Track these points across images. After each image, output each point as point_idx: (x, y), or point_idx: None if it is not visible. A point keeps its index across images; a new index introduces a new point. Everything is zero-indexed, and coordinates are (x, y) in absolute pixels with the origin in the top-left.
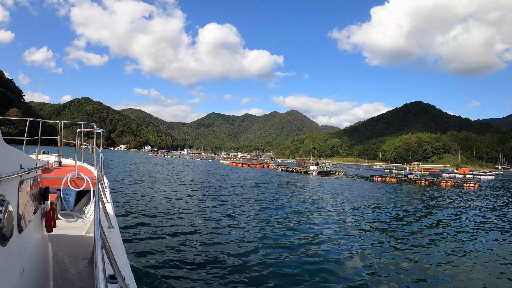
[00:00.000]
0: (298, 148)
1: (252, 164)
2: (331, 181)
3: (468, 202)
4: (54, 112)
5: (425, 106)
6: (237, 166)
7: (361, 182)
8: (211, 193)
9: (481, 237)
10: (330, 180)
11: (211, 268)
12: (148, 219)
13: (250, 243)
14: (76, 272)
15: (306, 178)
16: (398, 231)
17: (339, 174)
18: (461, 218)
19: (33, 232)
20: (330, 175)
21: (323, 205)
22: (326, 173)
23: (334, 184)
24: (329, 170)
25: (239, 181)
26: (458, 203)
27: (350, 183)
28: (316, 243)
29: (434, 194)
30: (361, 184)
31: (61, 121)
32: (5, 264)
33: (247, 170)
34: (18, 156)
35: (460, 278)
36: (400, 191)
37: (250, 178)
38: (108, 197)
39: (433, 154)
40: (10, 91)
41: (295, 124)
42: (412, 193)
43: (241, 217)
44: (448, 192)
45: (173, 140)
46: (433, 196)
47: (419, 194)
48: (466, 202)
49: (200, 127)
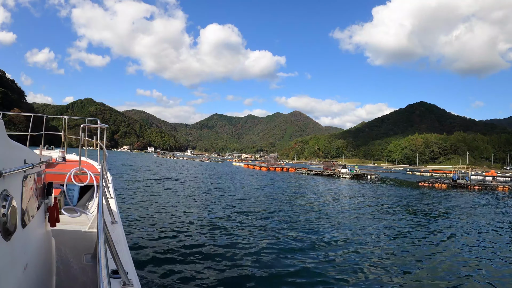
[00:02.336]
0: (303, 149)
1: (271, 167)
2: (372, 188)
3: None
4: (57, 113)
5: (430, 106)
6: (254, 169)
7: (408, 189)
8: (248, 208)
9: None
10: (369, 186)
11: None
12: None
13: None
14: (79, 267)
15: (340, 183)
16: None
17: (371, 177)
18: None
19: (37, 227)
20: (362, 178)
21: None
22: (358, 177)
23: (382, 192)
24: (361, 174)
25: (276, 191)
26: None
27: (401, 192)
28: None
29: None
30: (411, 192)
31: (65, 117)
32: (8, 258)
33: (270, 175)
34: (22, 152)
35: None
36: (475, 202)
37: (283, 186)
38: (111, 193)
39: (440, 155)
40: (12, 91)
41: (298, 125)
42: (490, 205)
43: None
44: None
45: (176, 141)
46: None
47: (504, 206)
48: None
49: (203, 128)
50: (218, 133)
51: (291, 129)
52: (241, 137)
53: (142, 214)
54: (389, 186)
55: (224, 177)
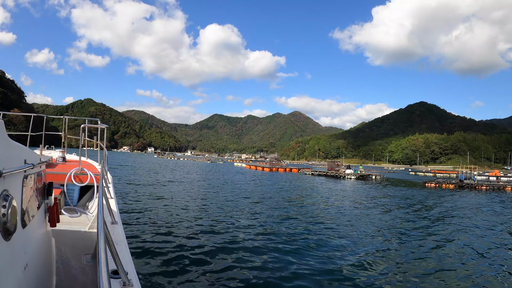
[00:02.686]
0: (303, 150)
1: (273, 167)
2: (378, 189)
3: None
4: (57, 113)
5: (430, 106)
6: (256, 170)
7: (416, 190)
8: (258, 210)
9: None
10: (376, 187)
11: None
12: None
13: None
14: (79, 267)
15: (346, 184)
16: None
17: (375, 178)
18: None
19: (37, 227)
20: (367, 179)
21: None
22: (363, 177)
23: (391, 192)
24: (366, 174)
25: (281, 191)
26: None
27: (409, 192)
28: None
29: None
30: (419, 192)
31: (66, 117)
32: (8, 258)
33: (273, 175)
34: (22, 152)
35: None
36: (490, 202)
37: (290, 187)
38: (111, 193)
39: (441, 155)
40: (12, 91)
41: (298, 125)
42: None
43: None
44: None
45: (176, 142)
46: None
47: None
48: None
49: (203, 128)
50: (218, 134)
51: (291, 129)
52: (241, 137)
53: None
54: (396, 187)
55: (227, 178)
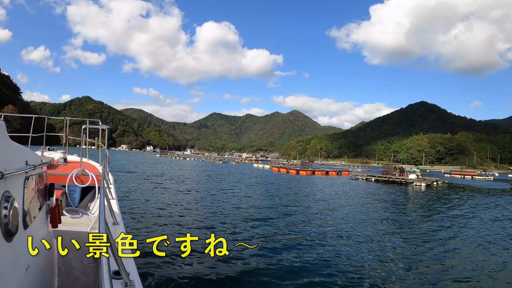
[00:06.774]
0: (305, 149)
1: (307, 171)
2: (482, 203)
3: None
4: (54, 111)
5: (430, 106)
6: (288, 173)
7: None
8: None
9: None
10: (468, 200)
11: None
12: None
13: None
14: (81, 268)
15: (421, 194)
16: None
17: (438, 184)
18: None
19: (38, 228)
20: (432, 187)
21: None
22: (428, 185)
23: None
24: (430, 180)
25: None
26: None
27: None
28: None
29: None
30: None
31: (66, 118)
32: (10, 260)
33: (320, 182)
34: (24, 153)
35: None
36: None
37: (363, 202)
38: (113, 194)
39: (446, 155)
40: (7, 87)
41: (297, 125)
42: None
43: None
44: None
45: (175, 140)
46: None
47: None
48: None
49: (202, 127)
50: (216, 132)
51: (290, 128)
52: (240, 136)
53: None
54: (494, 196)
55: (270, 188)
